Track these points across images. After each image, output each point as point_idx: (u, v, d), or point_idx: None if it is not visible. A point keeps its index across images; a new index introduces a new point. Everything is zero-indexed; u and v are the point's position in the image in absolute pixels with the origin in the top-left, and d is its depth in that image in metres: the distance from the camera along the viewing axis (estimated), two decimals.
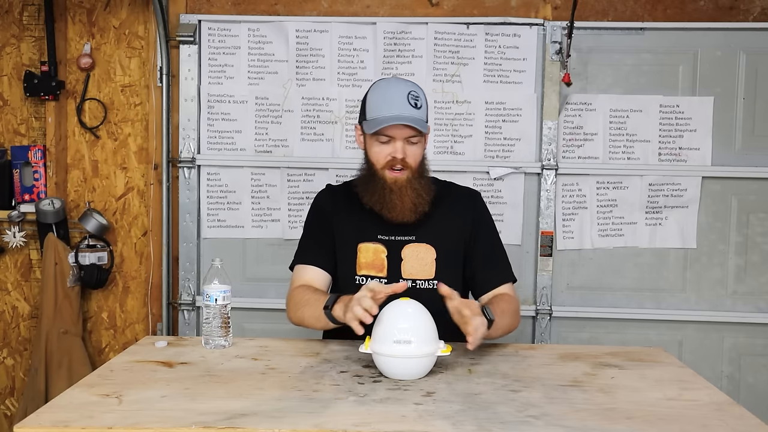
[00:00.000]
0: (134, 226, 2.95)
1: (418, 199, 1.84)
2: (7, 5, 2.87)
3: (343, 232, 1.92)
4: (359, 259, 1.89)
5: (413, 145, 1.83)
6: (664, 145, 2.81)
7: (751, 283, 2.83)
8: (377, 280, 1.86)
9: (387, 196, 1.83)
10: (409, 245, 1.88)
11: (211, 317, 1.73)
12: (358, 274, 1.88)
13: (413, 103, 1.80)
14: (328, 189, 2.05)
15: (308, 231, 1.99)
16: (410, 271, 1.87)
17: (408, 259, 1.87)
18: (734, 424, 1.30)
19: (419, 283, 1.86)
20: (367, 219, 1.90)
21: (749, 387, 2.84)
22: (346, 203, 1.95)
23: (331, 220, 1.94)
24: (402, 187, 1.83)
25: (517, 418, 1.30)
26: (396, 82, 1.91)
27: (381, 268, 1.87)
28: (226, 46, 2.84)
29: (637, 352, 1.79)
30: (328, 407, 1.34)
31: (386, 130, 1.80)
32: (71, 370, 2.82)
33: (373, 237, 1.89)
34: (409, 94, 1.81)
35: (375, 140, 1.83)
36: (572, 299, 2.86)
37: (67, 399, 1.38)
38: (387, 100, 1.81)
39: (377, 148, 1.84)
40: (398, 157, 1.81)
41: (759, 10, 2.76)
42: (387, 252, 1.88)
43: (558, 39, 2.75)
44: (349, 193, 1.97)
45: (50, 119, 2.85)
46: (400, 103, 1.79)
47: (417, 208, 1.84)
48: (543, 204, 2.80)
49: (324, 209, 1.97)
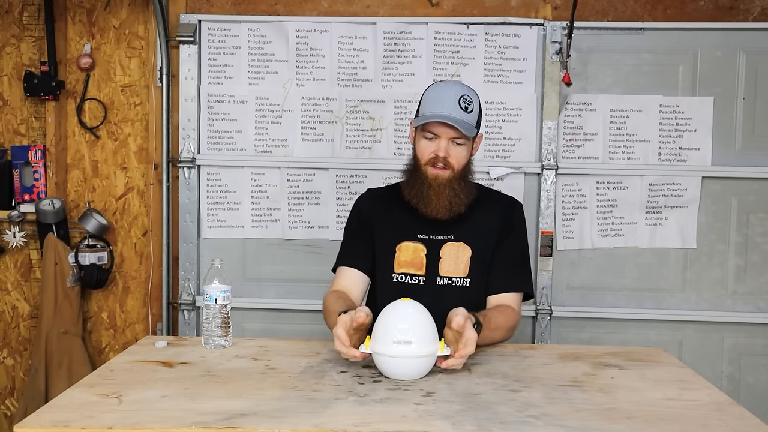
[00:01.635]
0: (134, 226, 2.95)
1: (455, 198, 1.88)
2: (7, 5, 2.87)
3: (382, 231, 1.97)
4: (398, 258, 1.93)
5: (458, 146, 1.87)
6: (664, 145, 2.81)
7: (751, 283, 2.83)
8: (415, 277, 1.91)
9: (425, 191, 1.89)
10: (448, 244, 1.93)
11: (211, 317, 1.73)
12: (396, 272, 1.93)
13: (464, 107, 1.85)
14: (368, 193, 2.10)
15: (348, 234, 2.05)
16: (447, 269, 1.92)
17: (446, 258, 1.92)
18: (734, 424, 1.30)
19: (455, 281, 1.91)
20: (408, 219, 1.95)
21: (749, 387, 2.84)
22: (387, 204, 2.01)
23: (370, 222, 2.00)
24: (441, 184, 1.87)
25: (517, 418, 1.30)
26: (452, 84, 1.95)
27: (420, 266, 1.92)
28: (226, 46, 2.84)
29: (637, 352, 1.79)
30: (328, 407, 1.34)
31: (432, 127, 1.85)
32: (71, 370, 2.82)
33: (413, 236, 1.94)
34: (461, 97, 1.85)
35: (422, 136, 1.89)
36: (572, 299, 2.86)
37: (67, 399, 1.38)
38: (439, 100, 1.86)
39: (423, 144, 1.90)
40: (440, 155, 1.86)
41: (759, 10, 2.76)
42: (426, 251, 1.92)
43: (558, 39, 2.75)
44: (390, 195, 2.03)
45: (50, 119, 2.85)
46: (450, 104, 1.84)
47: (452, 207, 1.89)
48: (543, 204, 2.80)
49: (363, 212, 2.03)
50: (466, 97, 1.86)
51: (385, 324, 1.54)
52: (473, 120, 1.87)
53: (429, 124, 1.85)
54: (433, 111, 1.85)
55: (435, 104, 1.86)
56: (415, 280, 1.91)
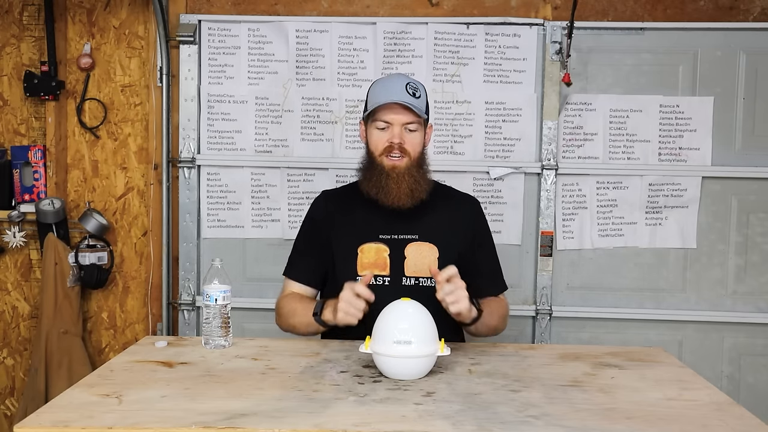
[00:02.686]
0: (134, 226, 2.95)
1: (415, 185, 1.86)
2: (7, 5, 2.87)
3: (341, 235, 1.94)
4: (361, 260, 1.90)
5: (412, 132, 1.86)
6: (664, 145, 2.81)
7: (751, 283, 2.83)
8: (380, 278, 1.88)
9: (384, 181, 1.86)
10: (412, 244, 1.90)
11: (211, 317, 1.73)
12: (360, 273, 1.89)
13: (411, 92, 1.84)
14: (323, 195, 2.08)
15: (297, 244, 2.04)
16: (413, 269, 1.89)
17: (411, 257, 1.89)
18: (734, 424, 1.30)
19: (422, 281, 1.88)
20: (368, 217, 1.92)
21: (749, 387, 2.84)
22: (345, 205, 1.98)
23: (325, 228, 1.97)
24: (400, 173, 1.85)
25: (517, 418, 1.30)
26: (395, 75, 1.96)
27: (384, 266, 1.89)
28: (226, 46, 2.84)
29: (637, 352, 1.79)
30: (328, 407, 1.34)
31: (383, 114, 1.84)
32: (71, 370, 2.82)
33: (374, 237, 1.90)
34: (407, 84, 1.86)
35: (373, 127, 1.87)
36: (572, 299, 2.86)
37: (67, 399, 1.38)
38: (386, 89, 1.86)
39: (376, 136, 1.87)
40: (395, 141, 1.84)
41: (759, 10, 2.76)
42: (389, 250, 1.89)
43: (558, 39, 2.75)
44: (348, 195, 2.00)
45: (50, 119, 2.85)
46: (398, 91, 1.83)
47: (414, 193, 1.86)
48: (543, 204, 2.80)
49: (317, 219, 2.00)
50: (413, 84, 1.87)
51: (385, 324, 1.54)
52: (422, 105, 1.86)
53: (380, 113, 1.84)
54: (381, 100, 1.84)
55: (382, 94, 1.85)
56: (379, 281, 1.87)
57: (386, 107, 1.83)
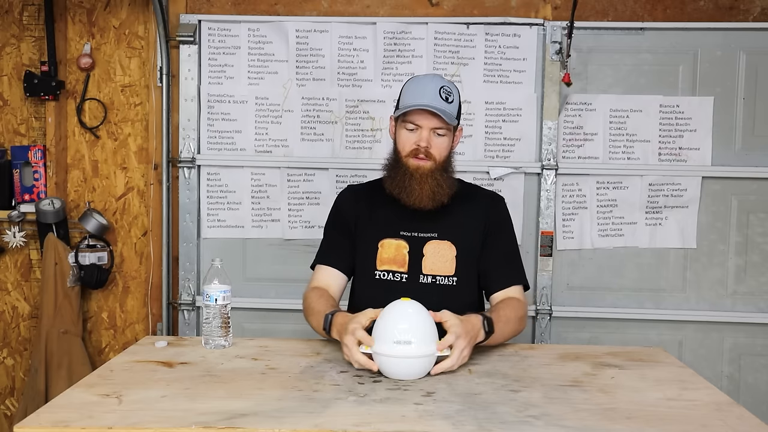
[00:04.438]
0: (134, 226, 2.95)
1: (437, 188, 1.87)
2: (7, 5, 2.87)
3: (364, 228, 1.96)
4: (380, 255, 1.91)
5: (440, 137, 1.87)
6: (664, 145, 2.81)
7: (751, 283, 2.83)
8: (398, 275, 1.89)
9: (407, 181, 1.87)
10: (431, 242, 1.91)
11: (211, 317, 1.73)
12: (379, 269, 1.91)
13: (444, 97, 1.84)
14: (348, 189, 2.09)
15: (328, 232, 2.04)
16: (431, 267, 1.90)
17: (429, 256, 1.90)
18: (734, 424, 1.30)
19: (439, 279, 1.89)
20: (390, 214, 1.93)
21: (749, 387, 2.84)
22: (368, 201, 2.00)
23: (351, 220, 1.98)
24: (423, 175, 1.86)
25: (517, 418, 1.30)
26: (431, 76, 1.94)
27: (402, 263, 1.90)
28: (226, 46, 2.84)
29: (637, 352, 1.79)
30: (328, 407, 1.34)
31: (413, 117, 1.85)
32: (71, 370, 2.82)
33: (395, 233, 1.92)
34: (441, 88, 1.85)
35: (403, 127, 1.88)
36: (572, 299, 2.86)
37: (67, 399, 1.38)
38: (419, 91, 1.86)
39: (404, 136, 1.88)
40: (422, 145, 1.85)
41: (759, 10, 2.76)
42: (409, 248, 1.91)
43: (558, 39, 2.75)
44: (372, 191, 2.01)
45: (50, 119, 2.85)
46: (431, 94, 1.83)
47: (435, 196, 1.87)
48: (543, 204, 2.80)
49: (343, 210, 2.01)
50: (446, 87, 1.87)
51: (385, 324, 1.54)
52: (454, 110, 1.87)
53: (410, 115, 1.85)
54: (414, 101, 1.84)
55: (415, 95, 1.85)
56: (397, 278, 1.89)
57: (417, 110, 1.84)
